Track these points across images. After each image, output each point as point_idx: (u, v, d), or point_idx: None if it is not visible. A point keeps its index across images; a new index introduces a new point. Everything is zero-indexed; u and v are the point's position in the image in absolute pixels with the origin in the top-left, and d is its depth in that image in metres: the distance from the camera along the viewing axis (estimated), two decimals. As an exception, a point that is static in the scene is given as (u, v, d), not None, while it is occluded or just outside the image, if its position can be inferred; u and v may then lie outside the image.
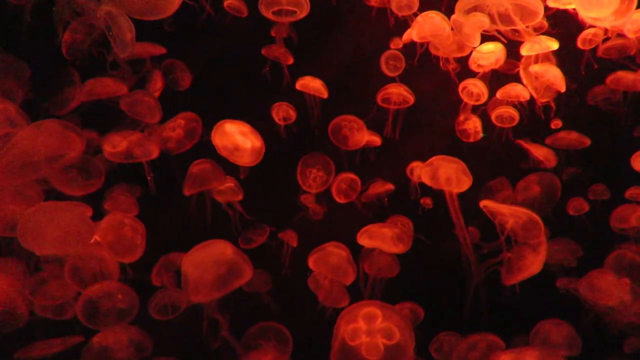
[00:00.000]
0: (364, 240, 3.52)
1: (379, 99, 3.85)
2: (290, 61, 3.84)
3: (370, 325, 2.64)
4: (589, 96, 3.92)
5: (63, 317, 3.12)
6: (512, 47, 3.59)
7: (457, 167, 3.38)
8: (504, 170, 4.02)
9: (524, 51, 3.45)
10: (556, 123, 3.90)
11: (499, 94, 3.71)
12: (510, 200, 3.93)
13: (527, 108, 3.80)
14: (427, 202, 4.08)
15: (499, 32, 3.18)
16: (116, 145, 3.33)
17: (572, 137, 3.85)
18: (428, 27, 3.42)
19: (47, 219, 2.59)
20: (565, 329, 3.37)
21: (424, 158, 3.74)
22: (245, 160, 3.37)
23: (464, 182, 3.36)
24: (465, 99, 3.79)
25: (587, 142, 3.83)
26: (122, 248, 3.22)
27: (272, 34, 3.82)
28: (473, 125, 3.90)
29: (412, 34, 3.53)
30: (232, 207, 3.96)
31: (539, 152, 3.89)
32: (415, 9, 3.63)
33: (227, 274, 2.83)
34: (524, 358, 2.79)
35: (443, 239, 3.93)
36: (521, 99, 3.69)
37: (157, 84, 3.74)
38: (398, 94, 3.75)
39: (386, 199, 4.11)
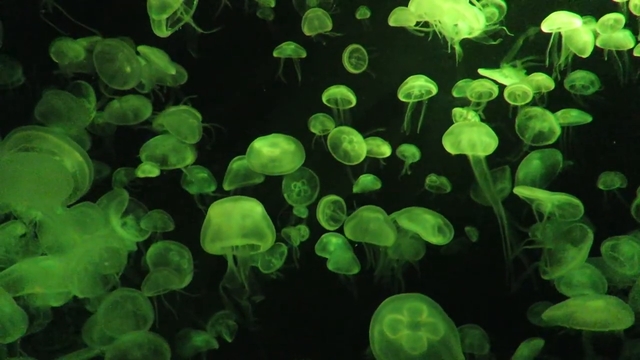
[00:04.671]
0: (403, 221, 3.40)
1: (400, 95, 3.74)
2: (303, 55, 3.80)
3: (413, 319, 2.49)
4: (566, 80, 3.83)
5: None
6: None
7: (479, 129, 3.31)
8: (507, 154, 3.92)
9: (545, 27, 3.42)
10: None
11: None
12: (506, 191, 3.83)
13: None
14: (432, 179, 4.02)
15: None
16: (147, 172, 3.27)
17: (573, 115, 3.82)
18: (426, 3, 3.38)
19: (24, 168, 2.45)
20: (588, 270, 3.32)
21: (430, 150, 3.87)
22: (286, 167, 3.32)
23: (489, 145, 3.29)
24: (475, 100, 3.74)
25: (589, 118, 3.78)
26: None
27: (258, 15, 3.81)
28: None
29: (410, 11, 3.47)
30: (204, 202, 3.88)
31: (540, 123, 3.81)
32: (327, 29, 3.75)
33: (250, 230, 2.75)
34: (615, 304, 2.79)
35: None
36: (542, 90, 3.66)
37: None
38: (420, 86, 3.65)
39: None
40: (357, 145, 3.71)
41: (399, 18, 3.64)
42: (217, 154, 3.81)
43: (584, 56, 3.53)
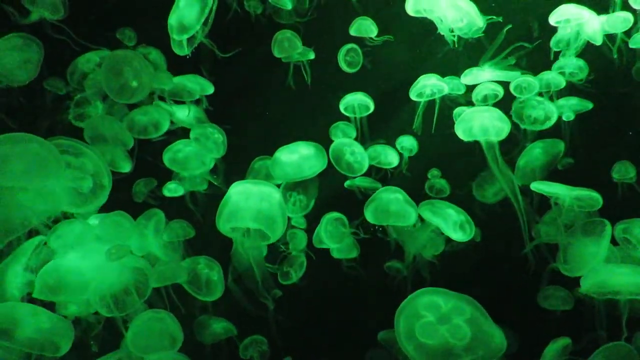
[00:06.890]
0: (425, 213, 3.32)
1: (412, 95, 3.71)
2: (311, 56, 3.78)
3: (438, 313, 2.33)
4: (554, 66, 3.82)
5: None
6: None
7: (491, 114, 3.26)
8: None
9: (552, 20, 3.41)
10: (568, 115, 3.90)
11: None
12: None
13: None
14: (434, 173, 4.03)
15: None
16: (174, 192, 3.27)
17: (573, 103, 3.88)
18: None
19: (14, 149, 2.44)
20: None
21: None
22: (311, 169, 3.28)
23: (502, 129, 3.24)
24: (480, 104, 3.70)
25: (590, 105, 3.84)
26: (200, 287, 3.21)
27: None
28: None
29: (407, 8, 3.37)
30: (195, 201, 3.85)
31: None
32: (298, 50, 3.74)
33: (265, 214, 2.75)
34: None
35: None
36: (552, 89, 3.69)
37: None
38: (432, 85, 3.60)
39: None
40: (359, 156, 3.66)
41: (359, 28, 3.64)
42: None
43: (597, 44, 3.53)
